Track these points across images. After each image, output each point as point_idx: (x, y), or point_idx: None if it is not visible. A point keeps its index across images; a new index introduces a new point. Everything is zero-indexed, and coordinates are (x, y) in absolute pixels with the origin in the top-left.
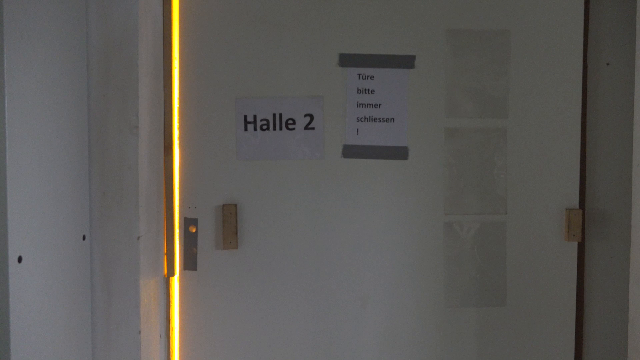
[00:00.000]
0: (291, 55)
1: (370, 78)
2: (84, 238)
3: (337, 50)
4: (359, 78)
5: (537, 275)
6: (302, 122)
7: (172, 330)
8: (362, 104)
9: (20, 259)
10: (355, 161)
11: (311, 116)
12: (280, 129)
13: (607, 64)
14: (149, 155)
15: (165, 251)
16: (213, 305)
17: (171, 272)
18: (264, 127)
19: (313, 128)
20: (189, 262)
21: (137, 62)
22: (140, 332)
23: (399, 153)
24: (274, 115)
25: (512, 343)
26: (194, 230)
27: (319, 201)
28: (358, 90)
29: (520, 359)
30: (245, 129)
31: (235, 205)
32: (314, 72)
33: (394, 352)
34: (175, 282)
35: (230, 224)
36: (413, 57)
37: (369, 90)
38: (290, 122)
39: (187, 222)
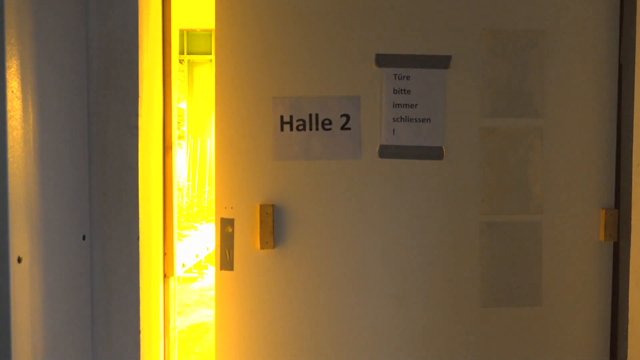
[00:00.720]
0: (328, 56)
1: (407, 78)
2: (84, 238)
3: (373, 50)
4: (395, 78)
5: (573, 275)
6: (338, 122)
7: (172, 329)
8: (399, 104)
9: (20, 259)
10: (391, 161)
11: (347, 116)
12: (317, 129)
13: None
14: (149, 155)
15: (165, 251)
16: (249, 305)
17: (171, 272)
18: (300, 127)
19: (349, 128)
20: (226, 262)
21: (137, 62)
22: (140, 332)
23: (435, 153)
24: (310, 115)
25: (547, 343)
26: (230, 231)
27: (355, 201)
28: (394, 90)
29: (556, 358)
30: (282, 129)
31: (272, 206)
32: (350, 73)
33: (429, 352)
34: (172, 282)
35: (267, 224)
36: (449, 57)
37: (405, 90)
38: (326, 122)
39: (223, 222)
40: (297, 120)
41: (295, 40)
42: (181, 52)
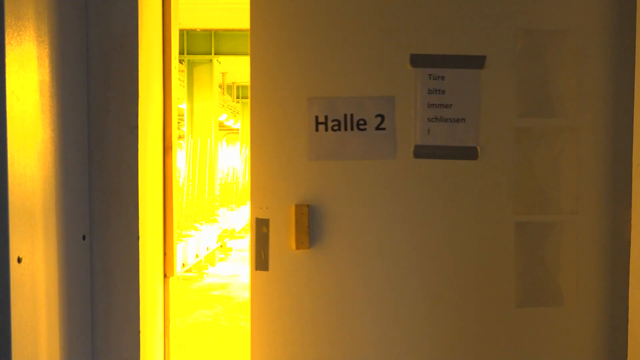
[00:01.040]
0: (363, 56)
1: (441, 78)
2: (84, 238)
3: (408, 50)
4: (430, 78)
5: (608, 276)
6: (373, 122)
7: (172, 329)
8: (433, 104)
9: (20, 259)
10: (426, 161)
11: (382, 117)
12: (352, 129)
13: None
14: (149, 155)
15: (165, 251)
16: (284, 305)
17: (171, 272)
18: (335, 127)
19: (384, 128)
20: (261, 263)
21: (137, 62)
22: (140, 332)
23: (470, 153)
24: (345, 115)
25: (583, 343)
26: (265, 231)
27: (390, 201)
28: (429, 90)
29: (592, 359)
30: (317, 130)
31: (308, 206)
32: (385, 73)
33: (464, 351)
34: (172, 282)
35: (302, 224)
36: (484, 58)
37: (440, 90)
38: (361, 122)
39: (259, 222)
40: (332, 121)
41: (330, 41)
42: (181, 52)
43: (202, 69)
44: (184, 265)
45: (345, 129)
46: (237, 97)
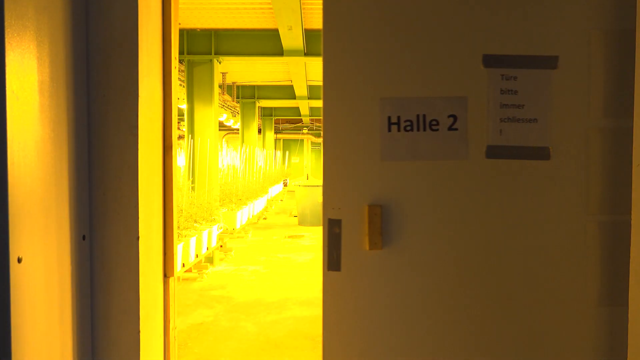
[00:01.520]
0: (436, 56)
1: (514, 79)
2: (84, 238)
3: (480, 51)
4: (503, 79)
5: None
6: (445, 123)
7: (172, 329)
8: (506, 105)
9: (20, 259)
10: (498, 161)
11: (455, 117)
12: (424, 129)
13: None
14: (149, 155)
15: (165, 251)
16: (357, 305)
17: (171, 272)
18: (408, 128)
19: (456, 129)
20: (333, 263)
21: (137, 62)
22: (140, 332)
23: (542, 153)
24: (418, 116)
25: None
26: (337, 231)
27: (462, 202)
28: (501, 90)
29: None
30: (389, 130)
31: (380, 207)
32: (457, 73)
33: (540, 352)
34: (172, 282)
35: (375, 224)
36: (556, 58)
37: (512, 91)
38: (433, 122)
39: (331, 223)
40: (405, 121)
41: (403, 41)
42: (181, 52)
43: (202, 69)
44: (184, 265)
45: (418, 130)
46: (237, 97)
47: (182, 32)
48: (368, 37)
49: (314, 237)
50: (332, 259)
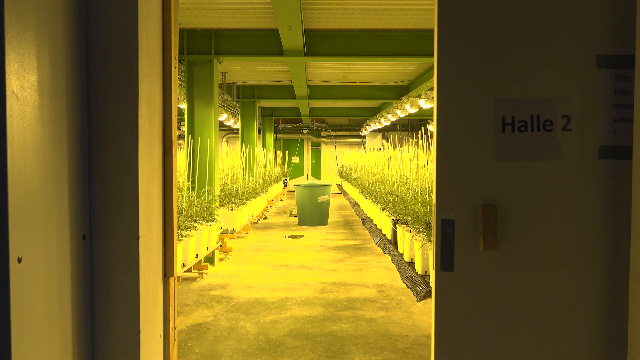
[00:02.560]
0: (549, 57)
1: (628, 79)
2: (84, 238)
3: (594, 51)
4: (616, 79)
5: None
6: (559, 123)
7: (172, 329)
8: (619, 105)
9: (20, 259)
10: (610, 162)
11: (569, 117)
12: (538, 130)
13: None
14: (149, 155)
15: (165, 251)
16: (469, 305)
17: (171, 272)
18: (522, 128)
19: (570, 129)
20: (446, 263)
21: (137, 62)
22: (140, 331)
23: None
24: (532, 116)
25: None
26: (451, 232)
27: (575, 202)
28: (615, 91)
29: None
30: (503, 131)
31: (495, 207)
32: (571, 74)
33: None
34: (172, 282)
35: (490, 224)
36: None
37: (626, 91)
38: (547, 123)
39: (444, 223)
40: (519, 122)
41: (517, 42)
42: (181, 52)
43: (202, 69)
44: (184, 265)
45: (532, 130)
46: (237, 97)
47: (182, 32)
48: (482, 38)
49: (314, 237)
50: (445, 259)
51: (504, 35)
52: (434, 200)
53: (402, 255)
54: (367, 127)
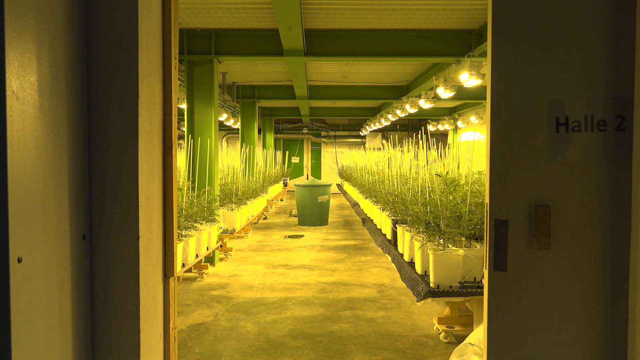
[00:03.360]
0: (603, 57)
1: None
2: (84, 238)
3: None
4: None
5: None
6: (613, 123)
7: (172, 329)
8: None
9: (20, 259)
10: None
11: (622, 118)
12: (592, 130)
13: None
14: (149, 155)
15: (165, 251)
16: (522, 305)
17: (171, 272)
18: (576, 128)
19: (624, 129)
20: (500, 263)
21: (137, 62)
22: (140, 331)
23: None
24: (586, 117)
25: None
26: (504, 232)
27: (630, 203)
28: None
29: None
30: (557, 131)
31: (549, 207)
32: (625, 73)
33: None
34: (172, 282)
35: (543, 225)
36: None
37: None
38: (601, 123)
39: (498, 223)
40: (573, 122)
41: (571, 42)
42: (181, 52)
43: (202, 69)
44: (184, 265)
45: (586, 130)
46: (237, 97)
47: (182, 32)
48: (537, 39)
49: (314, 237)
50: (499, 260)
51: (558, 35)
52: (487, 201)
53: (402, 255)
54: (367, 127)
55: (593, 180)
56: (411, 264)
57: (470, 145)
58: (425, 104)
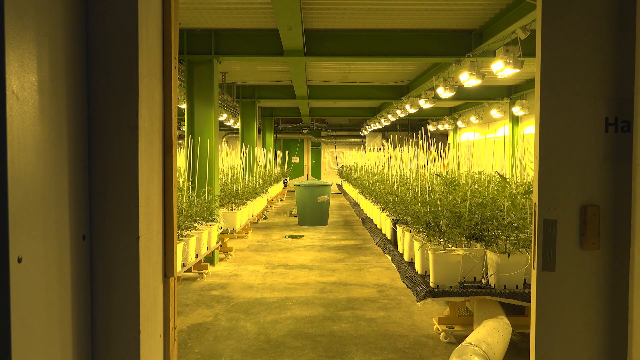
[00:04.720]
0: None
1: None
2: (84, 238)
3: None
4: None
5: None
6: None
7: (172, 329)
8: None
9: (20, 259)
10: None
11: None
12: None
13: None
14: (149, 155)
15: (165, 251)
16: (571, 305)
17: (171, 272)
18: (625, 128)
19: None
20: (548, 263)
21: (137, 61)
22: (140, 331)
23: None
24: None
25: None
26: (552, 231)
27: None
28: None
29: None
30: (606, 131)
31: (599, 207)
32: None
33: None
34: (172, 282)
35: (593, 224)
36: None
37: None
38: None
39: (546, 223)
40: (622, 122)
41: (621, 41)
42: (181, 52)
43: (202, 69)
44: (184, 265)
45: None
46: (237, 97)
47: (182, 32)
48: (586, 37)
49: (314, 237)
50: (547, 260)
51: (609, 34)
52: (535, 200)
53: (402, 255)
54: (367, 127)
55: None
56: (411, 264)
57: (470, 145)
58: (425, 104)
